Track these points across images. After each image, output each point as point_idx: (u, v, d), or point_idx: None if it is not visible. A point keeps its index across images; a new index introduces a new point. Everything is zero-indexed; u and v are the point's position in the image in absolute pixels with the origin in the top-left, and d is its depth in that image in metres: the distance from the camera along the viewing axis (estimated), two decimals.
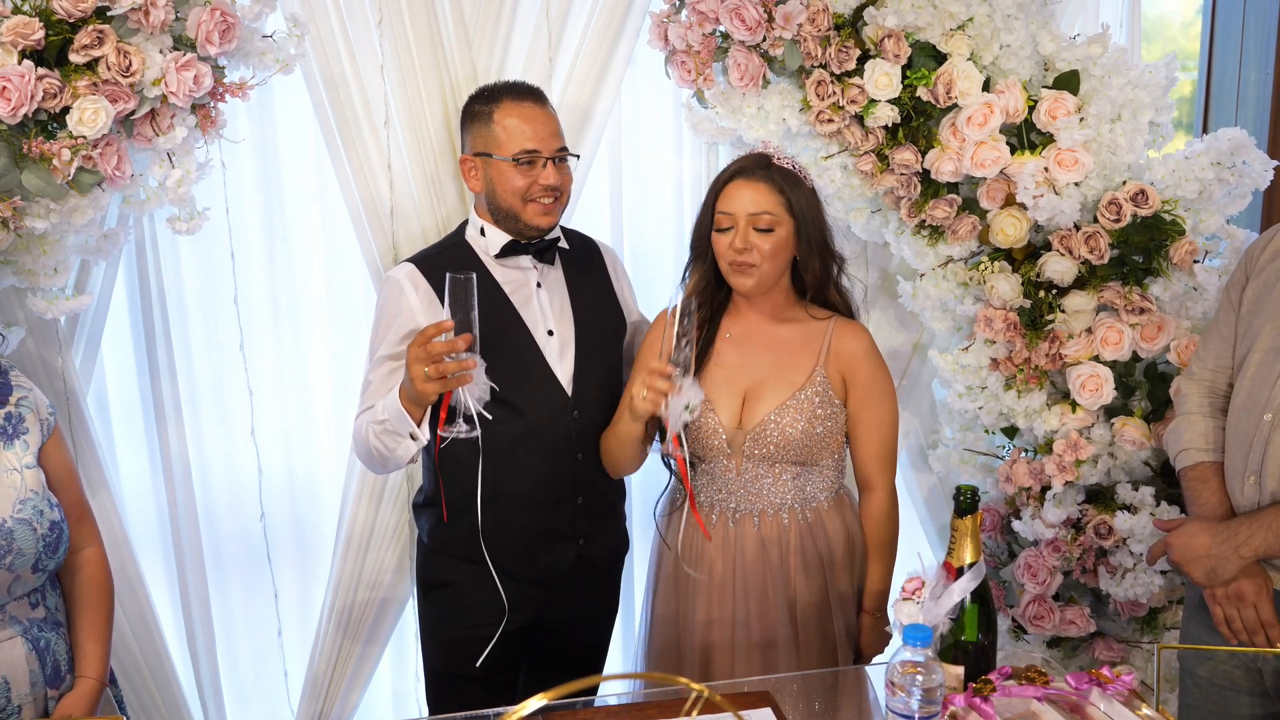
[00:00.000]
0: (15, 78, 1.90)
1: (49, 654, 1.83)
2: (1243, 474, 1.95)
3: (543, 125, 2.15)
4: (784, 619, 2.14)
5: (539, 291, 2.23)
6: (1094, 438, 2.45)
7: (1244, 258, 2.08)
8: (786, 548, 2.13)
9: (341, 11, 2.36)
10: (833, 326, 2.17)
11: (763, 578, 2.14)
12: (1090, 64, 2.36)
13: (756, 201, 2.06)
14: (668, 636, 2.22)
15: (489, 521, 2.15)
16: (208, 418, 2.64)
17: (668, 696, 1.75)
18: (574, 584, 2.26)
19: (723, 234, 2.08)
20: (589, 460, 2.23)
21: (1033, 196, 2.31)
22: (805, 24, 2.28)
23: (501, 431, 2.12)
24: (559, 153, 2.17)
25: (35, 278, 2.18)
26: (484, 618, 2.21)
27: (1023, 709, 1.61)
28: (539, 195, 2.14)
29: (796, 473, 2.13)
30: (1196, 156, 2.35)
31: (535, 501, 2.19)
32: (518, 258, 2.22)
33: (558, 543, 2.23)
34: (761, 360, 2.15)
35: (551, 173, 2.14)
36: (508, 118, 2.13)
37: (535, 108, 2.16)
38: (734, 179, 2.09)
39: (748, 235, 2.05)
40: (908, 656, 1.46)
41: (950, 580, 1.63)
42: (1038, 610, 2.53)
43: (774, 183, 2.07)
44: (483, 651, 2.22)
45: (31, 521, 1.77)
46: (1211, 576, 1.94)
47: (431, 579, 2.30)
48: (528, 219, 2.16)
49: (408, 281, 2.16)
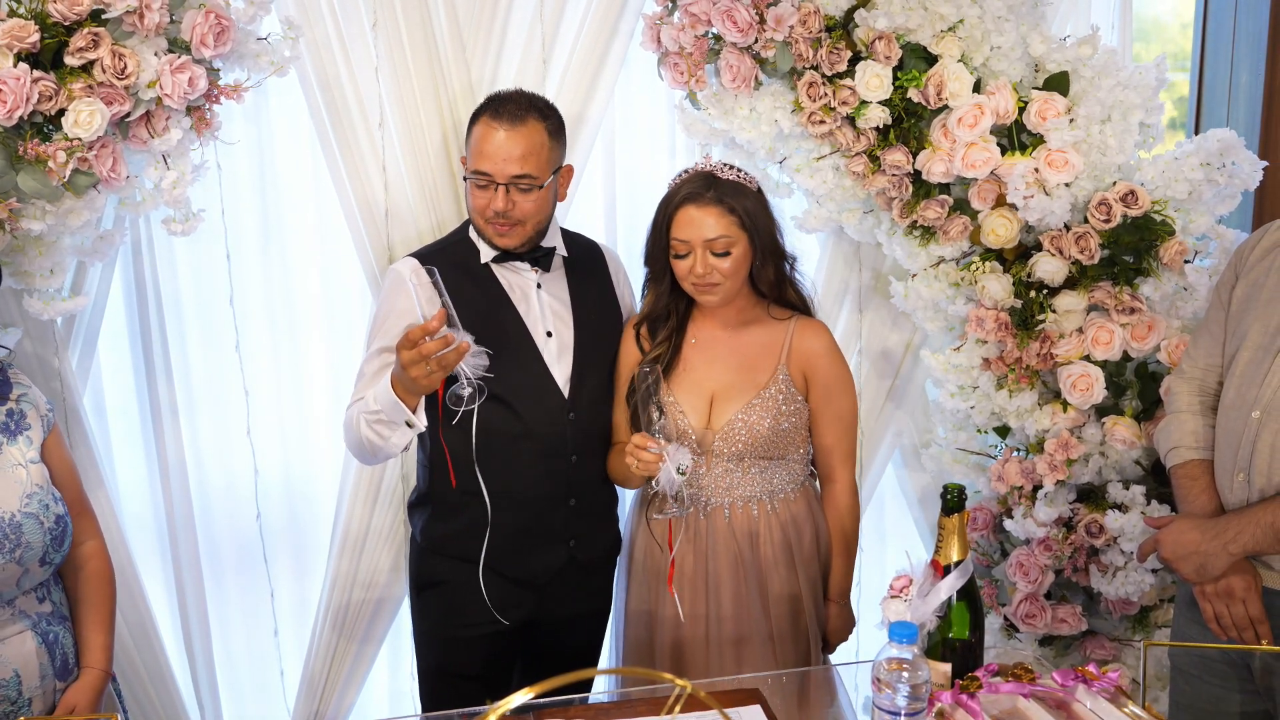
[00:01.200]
0: (11, 80, 1.91)
1: (58, 647, 1.86)
2: (1232, 471, 1.96)
3: (500, 149, 2.08)
4: (757, 613, 2.17)
5: (539, 293, 2.23)
6: (1085, 437, 2.46)
7: (1234, 257, 2.09)
8: (757, 539, 2.17)
9: (336, 14, 2.37)
10: (793, 326, 2.21)
11: (735, 570, 2.17)
12: (1080, 65, 2.37)
13: (711, 227, 2.07)
14: (640, 632, 2.25)
15: (481, 519, 2.17)
16: (204, 418, 2.65)
17: (658, 694, 1.76)
18: (566, 584, 2.27)
19: (681, 259, 2.10)
20: (583, 462, 2.23)
21: (1023, 197, 2.32)
22: (797, 26, 2.29)
23: (498, 431, 2.14)
24: (514, 180, 2.09)
25: (31, 279, 2.19)
26: (477, 616, 2.22)
27: (1009, 706, 1.62)
28: (491, 219, 2.13)
29: (764, 467, 2.18)
30: (1186, 157, 2.36)
31: (528, 501, 2.20)
32: (514, 262, 2.22)
33: (549, 543, 2.24)
34: (727, 364, 2.19)
35: (500, 199, 2.09)
36: (476, 131, 2.12)
37: (504, 130, 2.08)
38: (684, 205, 2.08)
39: (706, 259, 2.08)
40: (894, 653, 1.47)
41: (937, 578, 1.64)
42: (1029, 609, 2.54)
43: (724, 204, 2.07)
44: (476, 650, 2.23)
45: (38, 515, 1.79)
46: (1201, 573, 1.95)
47: (425, 578, 2.31)
48: (488, 236, 2.17)
49: (411, 276, 2.15)
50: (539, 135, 2.11)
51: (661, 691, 1.77)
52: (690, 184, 2.11)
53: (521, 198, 2.11)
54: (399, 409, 1.98)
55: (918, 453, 2.82)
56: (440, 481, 2.21)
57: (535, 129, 2.11)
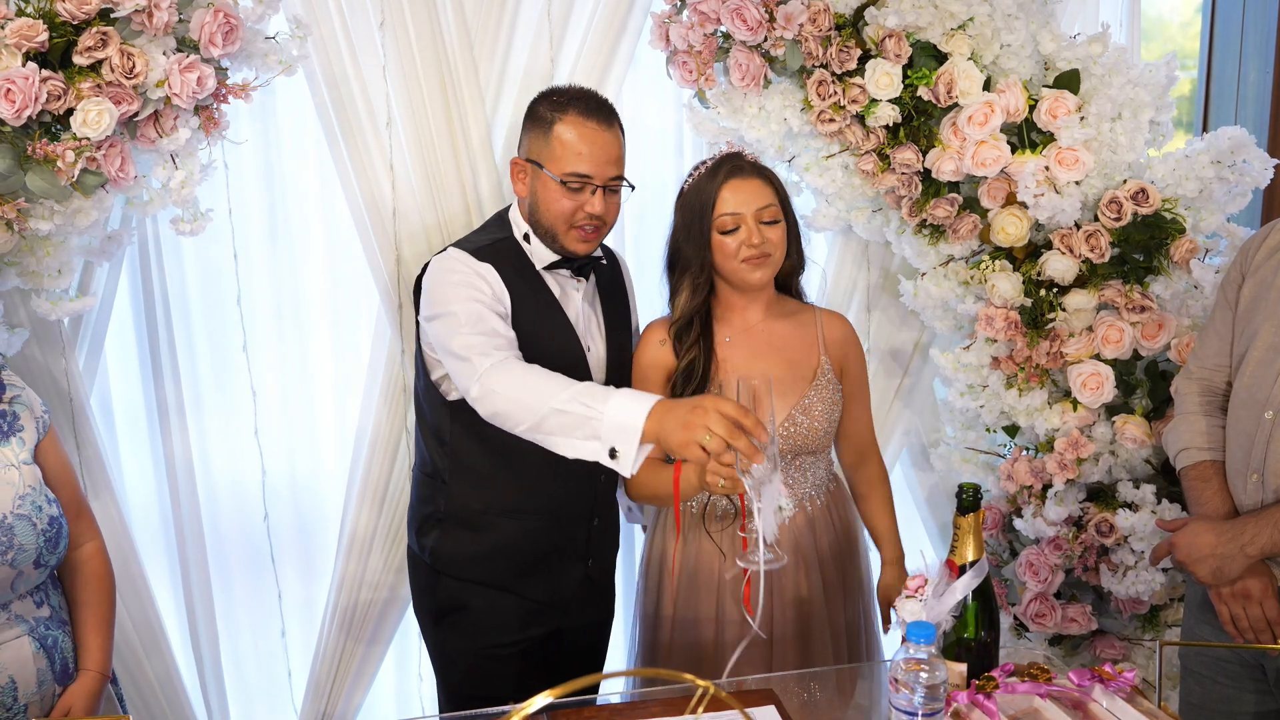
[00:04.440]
0: (20, 80, 1.91)
1: (57, 651, 1.84)
2: (1245, 472, 1.95)
3: (601, 149, 1.99)
4: (786, 615, 2.15)
5: (584, 305, 2.15)
6: (1095, 436, 2.46)
7: (1239, 255, 2.08)
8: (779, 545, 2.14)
9: (344, 12, 2.37)
10: (820, 316, 2.22)
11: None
12: (1090, 63, 2.36)
13: (760, 194, 2.07)
14: (660, 635, 2.22)
15: (506, 540, 2.11)
16: (211, 419, 2.64)
17: (672, 694, 1.75)
18: (580, 598, 2.24)
19: (729, 235, 2.06)
20: (609, 482, 2.20)
21: (1033, 195, 2.32)
22: (806, 24, 2.29)
23: (531, 448, 1.87)
24: (612, 181, 2.02)
25: (39, 279, 2.19)
26: (507, 636, 2.16)
27: (1025, 706, 1.62)
28: (582, 222, 2.02)
29: (803, 463, 2.17)
30: (1197, 155, 2.36)
31: (557, 521, 2.14)
32: (560, 270, 2.12)
33: (570, 562, 2.20)
34: (771, 358, 2.16)
35: (599, 201, 2.00)
36: (568, 132, 1.98)
37: (600, 128, 1.99)
38: (729, 180, 2.07)
39: (759, 229, 2.06)
40: (911, 654, 1.47)
41: (953, 578, 1.63)
42: (1039, 608, 2.54)
43: (764, 176, 2.10)
44: (511, 667, 2.16)
45: (31, 517, 1.78)
46: (1217, 575, 1.93)
47: (445, 604, 2.20)
48: (565, 244, 2.05)
49: (474, 266, 1.98)
50: (622, 133, 2.07)
51: (676, 693, 1.76)
52: (726, 162, 2.10)
53: (612, 199, 2.05)
54: (626, 436, 1.65)
55: (926, 452, 2.82)
56: (462, 501, 2.14)
57: (619, 126, 2.06)
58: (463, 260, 2.01)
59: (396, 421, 2.58)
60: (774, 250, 2.08)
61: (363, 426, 2.62)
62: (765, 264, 2.08)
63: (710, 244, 2.09)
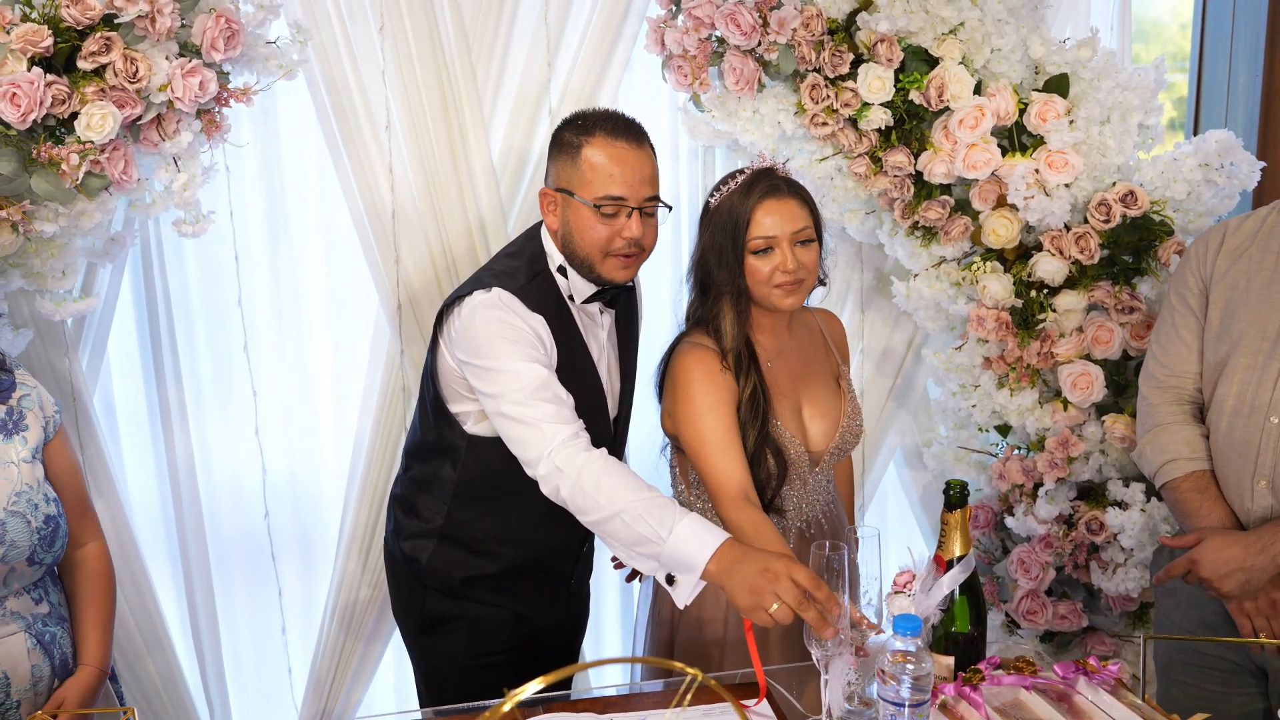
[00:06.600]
0: (25, 84, 1.94)
1: (56, 648, 1.86)
2: (1250, 480, 1.91)
3: (634, 169, 1.88)
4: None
5: (605, 343, 2.07)
6: (1085, 435, 2.49)
7: (1191, 261, 2.02)
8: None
9: (344, 17, 2.40)
10: (819, 318, 2.22)
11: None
12: (1080, 67, 2.39)
13: (796, 218, 1.95)
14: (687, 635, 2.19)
15: (501, 563, 2.10)
16: (212, 419, 2.67)
17: (669, 688, 1.78)
18: (560, 607, 2.25)
19: (762, 257, 1.95)
20: None
21: (1024, 198, 2.34)
22: (799, 29, 2.32)
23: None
24: (647, 203, 1.91)
25: (43, 280, 2.22)
26: (490, 646, 2.15)
27: (1011, 698, 1.65)
28: (620, 249, 1.91)
29: (831, 474, 2.19)
30: (1185, 158, 2.39)
31: (553, 548, 2.13)
32: (589, 303, 2.02)
33: (554, 581, 2.20)
34: (804, 374, 2.11)
35: (635, 225, 1.89)
36: (597, 154, 1.88)
37: (630, 147, 1.89)
38: (764, 199, 1.94)
39: (793, 253, 1.95)
40: (899, 646, 1.49)
41: (940, 573, 1.66)
42: (1030, 605, 2.56)
43: (799, 196, 1.98)
44: (490, 676, 2.12)
45: (25, 514, 1.79)
46: (1245, 589, 1.85)
47: (435, 617, 2.15)
48: (603, 272, 1.94)
49: (528, 320, 1.89)
50: (653, 151, 1.96)
51: (671, 687, 1.79)
52: (761, 179, 1.97)
53: (649, 222, 1.93)
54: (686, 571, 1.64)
55: (919, 451, 2.84)
56: (462, 522, 2.09)
57: (649, 145, 1.95)
58: (517, 311, 1.89)
59: (396, 421, 2.61)
60: (808, 275, 1.98)
61: (362, 426, 2.65)
62: (798, 290, 1.97)
63: (744, 267, 1.97)
